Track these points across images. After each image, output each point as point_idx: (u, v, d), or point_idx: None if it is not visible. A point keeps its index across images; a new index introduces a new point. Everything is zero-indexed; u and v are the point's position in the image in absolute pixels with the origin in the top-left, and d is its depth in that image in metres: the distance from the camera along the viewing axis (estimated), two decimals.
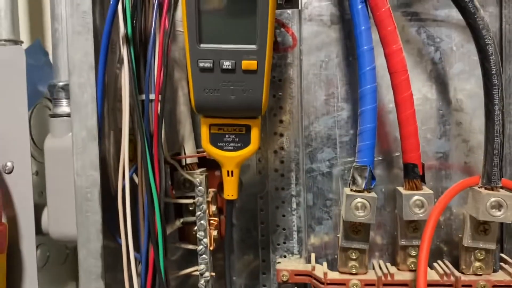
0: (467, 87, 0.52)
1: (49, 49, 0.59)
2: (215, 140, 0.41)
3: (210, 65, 0.37)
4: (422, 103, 0.52)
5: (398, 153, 0.52)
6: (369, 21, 0.45)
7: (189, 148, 0.50)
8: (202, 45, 0.36)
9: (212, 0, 0.35)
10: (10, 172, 0.52)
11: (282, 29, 0.52)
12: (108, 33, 0.39)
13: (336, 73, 0.53)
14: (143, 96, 0.42)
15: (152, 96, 0.42)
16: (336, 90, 0.53)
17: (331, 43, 0.53)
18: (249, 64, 0.36)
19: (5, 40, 0.54)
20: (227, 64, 0.36)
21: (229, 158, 0.41)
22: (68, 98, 0.53)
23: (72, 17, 0.39)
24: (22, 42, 0.56)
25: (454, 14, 0.51)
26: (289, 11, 0.52)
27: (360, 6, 0.45)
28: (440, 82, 0.52)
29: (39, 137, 0.56)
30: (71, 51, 0.40)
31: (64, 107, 0.53)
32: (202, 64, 0.37)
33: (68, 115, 0.52)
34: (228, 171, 0.42)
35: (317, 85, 0.53)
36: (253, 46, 0.36)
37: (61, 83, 0.52)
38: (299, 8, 0.52)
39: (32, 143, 0.54)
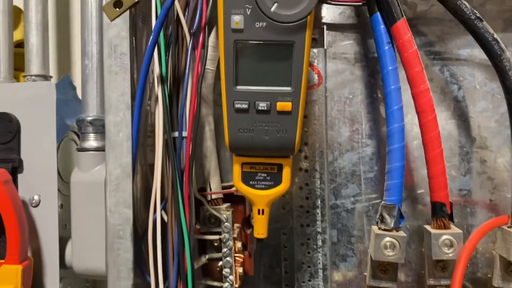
0: (491, 125, 0.52)
1: (77, 83, 0.60)
2: (247, 179, 0.41)
3: (246, 106, 0.37)
4: (446, 140, 0.52)
5: (422, 190, 0.52)
6: (396, 61, 0.46)
7: (214, 183, 0.50)
8: (238, 87, 0.37)
9: (249, 46, 0.36)
10: (37, 206, 0.52)
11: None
12: (145, 74, 0.40)
13: (360, 109, 0.54)
14: (175, 134, 0.43)
15: (184, 134, 0.43)
16: (360, 127, 0.54)
17: (355, 80, 0.54)
18: (284, 105, 0.37)
19: (35, 76, 0.56)
20: (262, 105, 0.37)
21: (261, 197, 0.41)
22: (95, 132, 0.54)
23: (110, 58, 0.40)
24: (51, 77, 0.58)
25: (477, 53, 0.52)
26: (315, 50, 0.53)
27: (387, 47, 0.46)
28: (464, 119, 0.53)
29: (64, 170, 0.57)
30: (108, 91, 0.41)
31: (91, 141, 0.54)
32: (237, 105, 0.37)
33: (96, 149, 0.54)
34: (259, 210, 0.42)
35: (341, 121, 0.54)
36: (288, 88, 0.37)
37: (89, 118, 0.53)
38: (325, 47, 0.53)
39: (58, 176, 0.55)
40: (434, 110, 0.45)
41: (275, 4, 0.35)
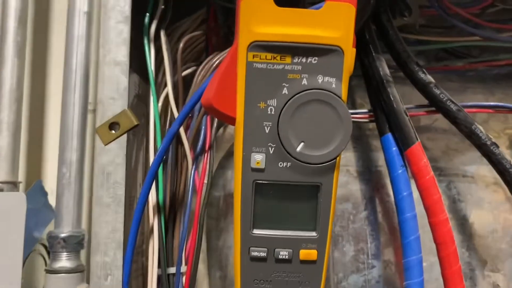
0: (503, 246, 0.49)
1: (48, 188, 0.54)
2: None
3: (264, 254, 0.32)
4: None
5: None
6: (410, 186, 0.43)
7: None
8: (255, 231, 0.32)
9: (270, 187, 0.32)
10: None
11: None
12: (142, 207, 0.34)
13: (365, 226, 0.50)
14: (171, 270, 0.37)
15: (183, 269, 0.37)
16: (365, 246, 0.50)
17: (358, 194, 0.50)
18: (308, 254, 0.33)
19: (2, 182, 0.49)
20: (283, 253, 0.32)
21: None
22: (69, 251, 0.47)
23: (102, 188, 0.35)
24: (20, 182, 0.51)
25: (486, 172, 0.50)
26: None
27: (400, 171, 0.43)
28: (473, 241, 0.50)
29: None
30: (95, 225, 0.35)
31: (63, 261, 0.46)
32: (254, 253, 0.32)
33: (68, 271, 0.46)
34: None
35: (345, 239, 0.50)
36: (313, 233, 0.33)
37: (63, 235, 0.46)
38: None
39: None
40: (454, 241, 0.41)
41: (301, 144, 0.31)
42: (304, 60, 0.30)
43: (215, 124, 0.40)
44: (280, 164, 0.31)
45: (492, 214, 0.50)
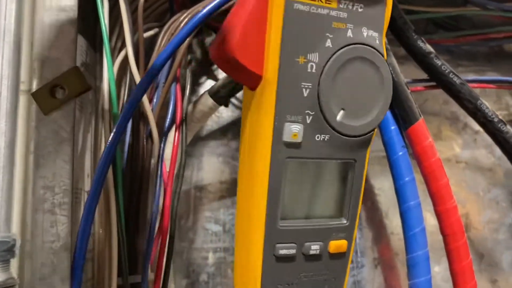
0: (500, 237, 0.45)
1: None
2: None
3: (293, 251, 0.25)
4: None
5: None
6: (413, 170, 0.37)
7: None
8: (283, 223, 0.25)
9: (305, 165, 0.25)
10: None
11: None
12: (93, 202, 0.26)
13: None
14: (135, 278, 0.29)
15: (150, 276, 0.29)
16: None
17: None
18: (339, 245, 0.26)
19: None
20: (315, 248, 0.26)
21: None
22: None
23: (40, 176, 0.26)
24: None
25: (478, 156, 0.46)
26: None
27: (401, 153, 0.37)
28: (468, 232, 0.45)
29: None
30: (31, 228, 0.26)
31: None
32: (283, 251, 0.25)
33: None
34: None
35: None
36: (344, 221, 0.27)
37: None
38: None
39: None
40: (464, 232, 0.36)
41: (341, 112, 0.24)
42: (350, 6, 0.24)
43: (187, 94, 0.32)
44: (317, 137, 0.25)
45: (488, 201, 0.46)
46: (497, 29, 0.44)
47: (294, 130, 0.24)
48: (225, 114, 0.43)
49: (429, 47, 0.39)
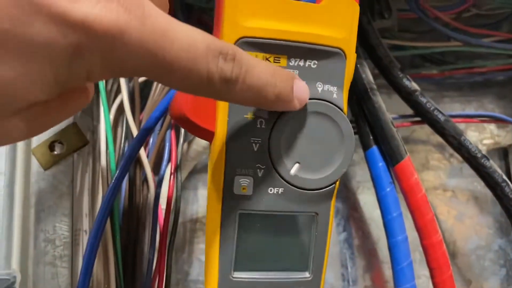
0: (486, 264, 0.47)
1: None
2: None
3: None
4: None
5: None
6: (400, 206, 0.39)
7: None
8: (236, 275, 0.26)
9: (258, 218, 0.26)
10: None
11: None
12: (93, 248, 0.27)
13: (345, 250, 0.45)
14: None
15: None
16: (345, 271, 0.45)
17: (335, 214, 0.46)
18: None
19: None
20: None
21: None
22: None
23: (41, 221, 0.27)
24: None
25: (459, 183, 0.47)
26: None
27: (388, 189, 0.39)
28: (455, 259, 0.47)
29: None
30: (32, 266, 0.27)
31: None
32: None
33: None
34: None
35: None
36: (306, 275, 0.27)
37: None
38: None
39: None
40: (450, 265, 0.38)
41: (296, 166, 0.25)
42: (301, 63, 0.25)
43: (181, 140, 0.33)
44: (270, 190, 0.25)
45: (474, 229, 0.47)
46: (480, 63, 0.46)
47: (243, 184, 0.25)
48: None
49: (414, 85, 0.40)
